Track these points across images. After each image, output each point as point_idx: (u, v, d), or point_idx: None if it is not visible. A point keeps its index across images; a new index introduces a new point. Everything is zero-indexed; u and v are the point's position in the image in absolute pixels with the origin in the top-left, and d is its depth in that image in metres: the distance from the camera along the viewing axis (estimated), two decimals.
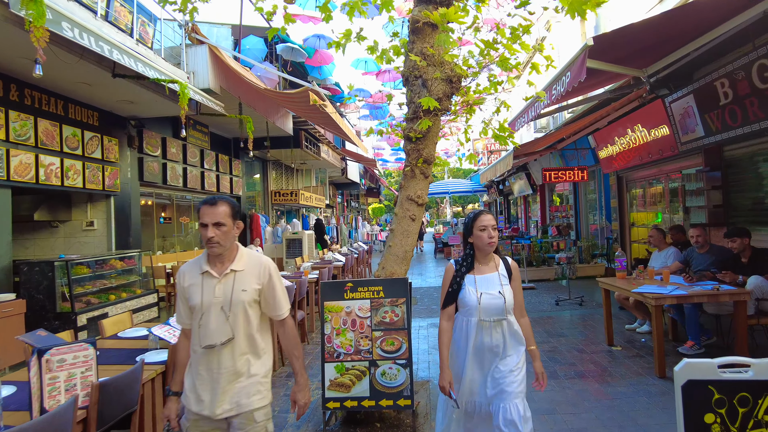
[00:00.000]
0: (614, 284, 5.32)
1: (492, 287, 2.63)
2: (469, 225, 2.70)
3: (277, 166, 18.10)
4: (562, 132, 7.77)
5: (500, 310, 2.60)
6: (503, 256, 2.83)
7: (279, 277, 2.38)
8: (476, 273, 2.69)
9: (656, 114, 7.69)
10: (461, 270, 2.72)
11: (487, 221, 2.62)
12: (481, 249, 2.67)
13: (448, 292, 2.73)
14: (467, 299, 2.64)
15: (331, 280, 3.84)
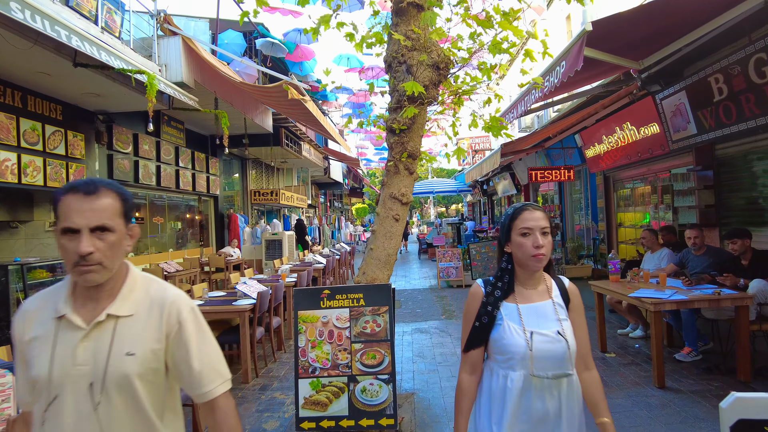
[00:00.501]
0: (608, 288, 5.05)
1: (546, 323, 1.71)
2: (505, 226, 1.80)
3: (257, 164, 17.62)
4: (549, 130, 7.54)
5: (561, 359, 1.68)
6: (555, 275, 1.89)
7: (201, 325, 1.43)
8: (519, 300, 1.77)
9: (646, 111, 7.49)
10: (495, 295, 1.79)
11: (534, 221, 1.71)
12: (524, 265, 1.75)
13: (474, 327, 1.80)
14: (508, 341, 1.71)
15: (305, 287, 3.47)
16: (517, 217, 1.75)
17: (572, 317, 1.77)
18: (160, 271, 9.00)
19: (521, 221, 1.73)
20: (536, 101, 5.14)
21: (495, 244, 8.08)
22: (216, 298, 5.63)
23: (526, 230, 1.71)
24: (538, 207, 1.79)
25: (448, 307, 8.41)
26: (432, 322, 7.36)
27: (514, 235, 1.75)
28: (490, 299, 1.79)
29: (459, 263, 10.53)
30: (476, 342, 1.80)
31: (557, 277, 1.88)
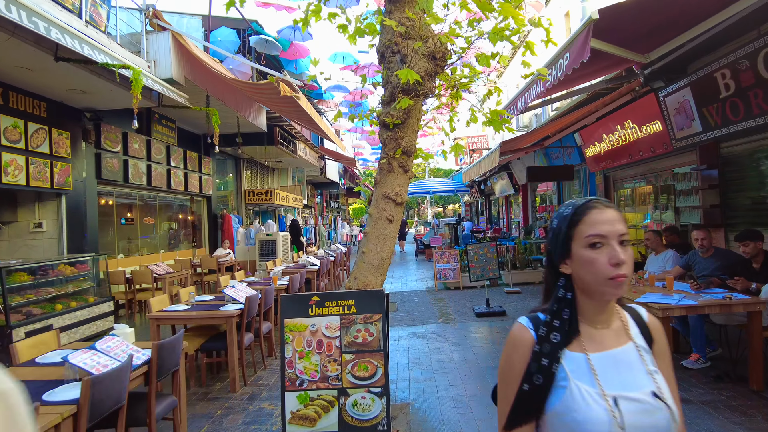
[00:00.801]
0: None
1: (633, 381, 1.13)
2: (562, 233, 1.22)
3: (252, 164, 17.38)
4: (548, 128, 7.33)
5: None
6: (625, 304, 1.33)
7: None
8: (588, 347, 1.17)
9: (649, 109, 7.28)
10: (551, 340, 1.17)
11: (608, 224, 1.15)
12: (594, 292, 1.16)
13: (520, 392, 1.15)
14: (581, 415, 1.08)
15: (292, 293, 3.24)
16: (581, 221, 1.17)
17: (661, 367, 1.18)
18: (149, 273, 8.74)
19: (588, 226, 1.15)
20: (538, 96, 4.92)
21: (493, 245, 7.88)
22: (203, 303, 5.39)
23: (598, 239, 1.13)
24: (609, 203, 1.20)
25: (445, 310, 8.18)
26: (429, 326, 7.14)
27: (576, 247, 1.16)
28: (545, 347, 1.15)
29: (456, 265, 10.31)
30: (524, 415, 1.14)
31: (629, 307, 1.30)
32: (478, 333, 6.57)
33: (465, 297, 9.26)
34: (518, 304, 8.32)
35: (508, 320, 7.19)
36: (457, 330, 6.76)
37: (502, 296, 9.11)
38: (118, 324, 3.66)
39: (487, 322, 7.14)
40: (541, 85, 4.53)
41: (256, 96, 9.52)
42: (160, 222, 12.03)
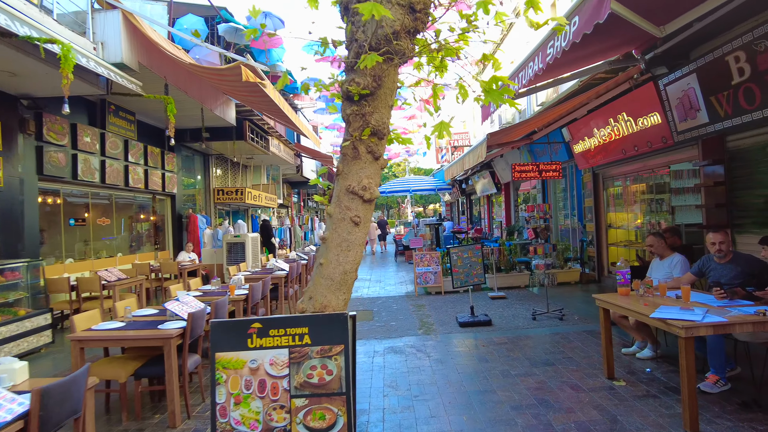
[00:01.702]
0: (619, 304, 4.17)
1: None
2: None
3: (222, 161, 16.43)
4: (538, 120, 6.70)
5: None
6: None
7: None
8: None
9: (647, 100, 6.69)
10: None
11: None
12: None
13: None
14: None
15: (225, 320, 2.47)
16: None
17: None
18: (97, 279, 7.82)
19: None
20: (538, 74, 4.23)
21: (478, 247, 7.20)
22: (141, 318, 4.56)
23: None
24: None
25: (426, 319, 7.47)
26: (407, 338, 6.41)
27: None
28: None
29: (438, 268, 9.62)
30: None
31: None
32: (463, 347, 5.87)
33: (447, 303, 8.57)
34: (504, 311, 7.66)
35: (494, 331, 6.52)
36: (439, 343, 6.05)
37: (486, 302, 8.44)
38: (4, 358, 2.83)
39: (471, 333, 6.45)
40: (540, 61, 3.85)
41: (220, 84, 8.67)
42: (118, 223, 11.05)
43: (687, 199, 7.57)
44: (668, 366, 4.74)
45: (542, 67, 3.96)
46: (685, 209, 7.67)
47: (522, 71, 4.46)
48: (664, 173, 7.92)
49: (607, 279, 9.61)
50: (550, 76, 5.58)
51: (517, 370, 4.87)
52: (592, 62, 5.61)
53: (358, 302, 9.30)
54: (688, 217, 7.64)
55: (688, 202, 7.29)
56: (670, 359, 4.92)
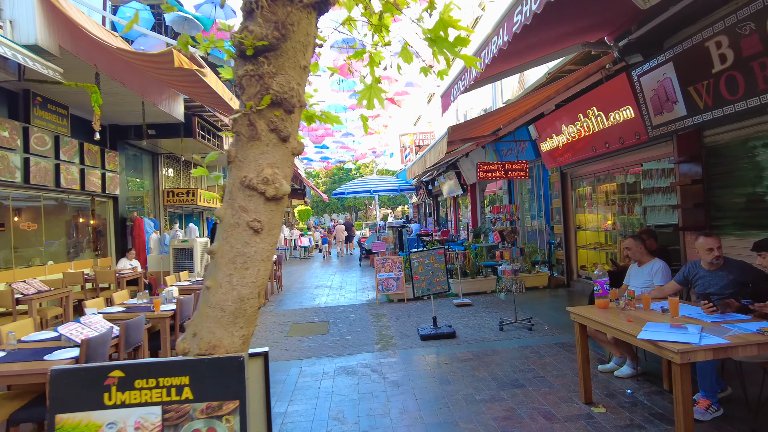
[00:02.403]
0: (598, 320, 3.61)
1: None
2: None
3: (174, 160, 15.40)
4: (500, 116, 6.17)
5: None
6: None
7: None
8: None
9: (619, 92, 6.23)
10: None
11: None
12: None
13: None
14: None
15: (71, 366, 1.72)
16: None
17: None
18: (9, 293, 6.83)
19: None
20: (499, 55, 3.63)
21: (441, 252, 6.59)
22: (29, 346, 3.73)
23: None
24: None
25: (385, 331, 6.82)
26: (363, 355, 5.74)
27: None
28: None
29: (400, 274, 8.99)
30: None
31: None
32: (423, 365, 5.23)
33: (410, 312, 7.93)
34: (470, 320, 7.08)
35: (458, 344, 5.91)
36: (397, 362, 5.40)
37: (451, 310, 7.86)
38: None
39: (434, 348, 5.82)
40: (506, 32, 3.25)
41: (156, 73, 7.79)
42: (48, 228, 9.96)
43: (659, 199, 7.19)
44: (650, 386, 4.22)
45: (508, 40, 3.36)
46: (656, 210, 7.28)
47: (485, 49, 3.88)
48: (636, 172, 7.53)
49: (577, 283, 9.19)
50: (516, 60, 5.01)
51: (483, 394, 4.26)
52: (562, 46, 5.09)
53: (313, 312, 8.57)
54: (660, 218, 7.25)
55: (660, 202, 6.90)
56: (651, 377, 4.40)
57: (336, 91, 16.88)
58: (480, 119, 5.39)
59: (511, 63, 4.99)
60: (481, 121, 5.65)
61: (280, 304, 9.60)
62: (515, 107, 5.82)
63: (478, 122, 5.65)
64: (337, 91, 16.87)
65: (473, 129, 6.19)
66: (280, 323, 7.78)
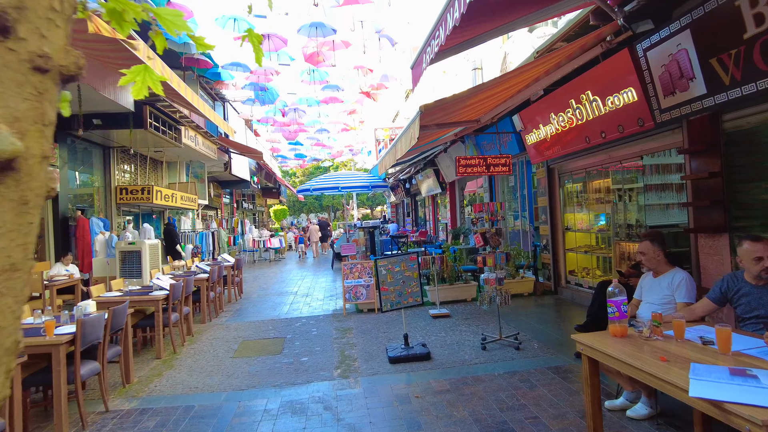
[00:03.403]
0: (619, 356, 2.66)
1: None
2: None
3: (131, 155, 14.10)
4: (481, 96, 5.24)
5: None
6: None
7: None
8: None
9: (619, 71, 5.35)
10: None
11: None
12: None
13: None
14: None
15: None
16: None
17: None
18: None
19: None
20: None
21: (413, 258, 5.60)
22: None
23: None
24: None
25: (348, 350, 5.81)
26: (318, 385, 4.73)
27: None
28: None
29: (371, 280, 8.00)
30: None
31: None
32: (390, 399, 4.24)
33: (380, 325, 6.95)
34: (447, 336, 6.12)
35: (433, 369, 4.94)
36: (358, 394, 4.40)
37: (426, 322, 6.90)
38: None
39: (404, 374, 4.85)
40: None
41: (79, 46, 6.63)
42: None
43: (660, 197, 6.34)
44: None
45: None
46: (656, 209, 6.44)
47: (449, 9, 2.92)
48: (633, 166, 6.68)
49: (565, 290, 8.33)
50: (499, 17, 4.07)
51: None
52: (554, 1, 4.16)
53: (270, 326, 7.51)
54: (660, 217, 6.41)
55: (665, 199, 6.05)
56: (674, 420, 3.50)
57: (307, 82, 15.80)
58: (459, 99, 4.45)
59: (494, 19, 4.05)
60: (460, 102, 4.72)
61: (235, 315, 8.50)
62: (499, 85, 4.89)
63: (457, 104, 4.72)
64: (308, 82, 15.79)
65: (451, 113, 5.24)
66: (228, 339, 6.71)
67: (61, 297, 8.69)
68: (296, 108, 19.24)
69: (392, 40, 13.16)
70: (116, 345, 4.87)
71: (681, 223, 5.89)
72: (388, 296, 5.40)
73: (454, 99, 4.48)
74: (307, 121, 21.23)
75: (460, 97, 4.53)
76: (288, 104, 19.41)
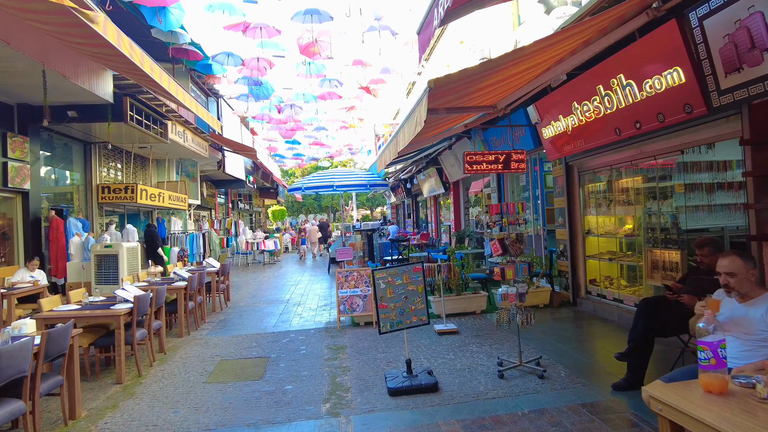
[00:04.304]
0: (724, 428, 1.79)
1: None
2: None
3: (114, 151, 13.25)
4: (507, 70, 4.36)
5: None
6: None
7: None
8: None
9: (663, 48, 4.50)
10: None
11: None
12: None
13: None
14: None
15: None
16: None
17: None
18: None
19: None
20: None
21: (418, 269, 4.74)
22: None
23: None
24: None
25: (340, 376, 4.94)
26: (302, 425, 3.87)
27: None
28: None
29: (368, 290, 7.14)
30: None
31: None
32: None
33: (378, 343, 6.08)
34: (456, 359, 5.26)
35: (442, 404, 4.08)
36: None
37: (431, 340, 6.05)
38: None
39: (407, 412, 3.98)
40: None
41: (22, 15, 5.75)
42: None
43: (713, 197, 5.48)
44: None
45: None
46: (702, 211, 5.58)
47: None
48: (671, 162, 5.82)
49: (585, 301, 7.47)
50: None
51: None
52: None
53: (254, 342, 6.65)
54: (707, 221, 5.56)
55: (716, 199, 5.20)
56: None
57: (303, 75, 14.92)
58: (475, 73, 3.58)
59: None
60: (478, 77, 3.82)
61: (217, 327, 7.64)
62: (521, 60, 3.98)
63: (473, 81, 3.84)
64: (305, 75, 14.92)
65: (463, 96, 4.37)
66: (205, 359, 5.84)
67: (23, 307, 7.83)
68: (292, 104, 18.37)
69: (393, 31, 12.31)
70: (57, 374, 4.00)
71: (730, 227, 5.05)
72: (387, 314, 4.53)
73: (471, 73, 3.62)
74: (304, 118, 20.39)
75: (476, 72, 3.67)
76: (284, 100, 18.54)
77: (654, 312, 4.09)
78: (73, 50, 7.28)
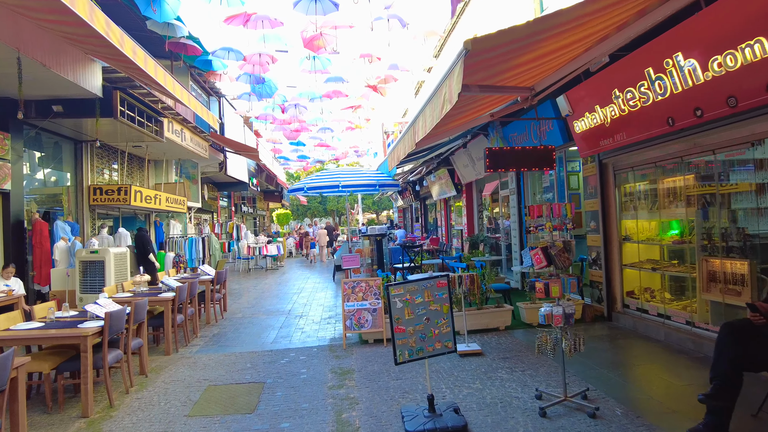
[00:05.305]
0: None
1: None
2: None
3: (109, 151, 12.54)
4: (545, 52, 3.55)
5: None
6: None
7: None
8: None
9: (740, 15, 3.68)
10: None
11: None
12: None
13: None
14: None
15: None
16: None
17: None
18: None
19: None
20: None
21: (442, 284, 3.92)
22: None
23: None
24: None
25: (347, 413, 4.12)
26: None
27: None
28: None
29: (378, 303, 6.33)
30: None
31: None
32: None
33: (390, 368, 5.26)
34: (485, 389, 4.43)
35: None
36: None
37: (452, 364, 5.23)
38: None
39: None
40: None
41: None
42: None
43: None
44: None
45: None
46: (755, 213, 4.73)
47: None
48: (735, 156, 4.98)
49: (622, 316, 6.62)
50: None
51: None
52: None
53: (248, 362, 5.84)
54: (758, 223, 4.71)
55: None
56: None
57: (307, 71, 14.17)
58: (525, 33, 2.72)
59: None
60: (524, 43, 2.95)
61: (210, 343, 6.84)
62: (586, 17, 3.10)
63: (520, 46, 2.97)
64: (309, 71, 14.16)
65: (505, 69, 3.48)
66: (191, 383, 5.04)
67: None
68: (297, 104, 17.63)
69: (403, 21, 11.52)
70: None
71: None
72: (405, 340, 3.71)
73: (517, 36, 2.80)
74: (309, 118, 19.65)
75: (522, 35, 2.85)
76: (287, 99, 17.80)
77: (742, 340, 3.26)
78: (50, 33, 6.58)
